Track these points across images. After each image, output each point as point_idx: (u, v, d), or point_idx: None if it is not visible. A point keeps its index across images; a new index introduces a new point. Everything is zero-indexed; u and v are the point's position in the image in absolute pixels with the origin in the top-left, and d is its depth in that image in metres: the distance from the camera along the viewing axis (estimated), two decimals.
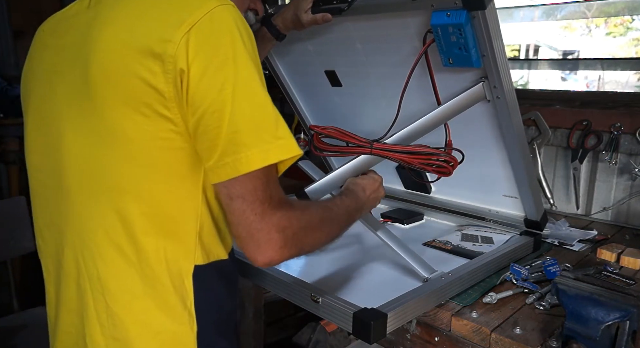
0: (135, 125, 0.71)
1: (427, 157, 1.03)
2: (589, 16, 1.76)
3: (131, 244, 0.75)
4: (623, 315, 0.72)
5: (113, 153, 0.73)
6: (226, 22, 0.69)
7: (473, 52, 0.98)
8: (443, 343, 0.95)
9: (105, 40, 0.72)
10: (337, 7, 1.11)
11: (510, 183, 1.24)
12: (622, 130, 1.41)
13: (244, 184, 0.70)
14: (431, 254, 1.18)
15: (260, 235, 0.71)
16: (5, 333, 1.64)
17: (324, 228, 0.84)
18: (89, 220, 0.76)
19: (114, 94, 0.71)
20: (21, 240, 1.75)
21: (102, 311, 0.77)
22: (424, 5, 0.99)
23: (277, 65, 1.52)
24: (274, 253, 0.72)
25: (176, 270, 0.76)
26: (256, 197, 0.71)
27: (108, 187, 0.74)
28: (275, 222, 0.72)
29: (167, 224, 0.75)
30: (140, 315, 0.76)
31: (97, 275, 0.76)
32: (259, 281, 1.04)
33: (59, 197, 0.80)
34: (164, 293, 0.76)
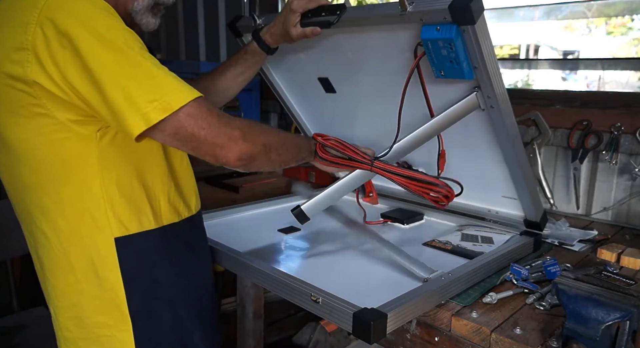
0: (19, 127, 0.81)
1: (426, 186, 1.03)
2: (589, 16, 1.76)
3: (51, 228, 0.87)
4: (623, 315, 0.72)
5: (12, 156, 0.85)
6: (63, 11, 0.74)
7: (464, 65, 0.98)
8: (443, 343, 0.95)
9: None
10: (326, 20, 1.10)
11: (509, 184, 1.24)
12: (622, 130, 1.41)
13: (171, 124, 0.78)
14: (431, 254, 1.18)
15: (219, 138, 0.81)
16: (5, 333, 1.64)
17: (272, 135, 0.94)
18: (23, 213, 0.92)
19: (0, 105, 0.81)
20: (21, 240, 1.74)
21: (48, 285, 0.93)
22: (413, 19, 0.98)
23: (272, 74, 1.53)
24: (240, 145, 0.83)
25: (95, 243, 0.87)
26: (193, 124, 0.79)
27: (21, 185, 0.88)
28: (224, 123, 0.82)
29: (76, 205, 0.86)
30: (75, 284, 0.89)
31: (38, 256, 0.93)
32: (259, 281, 1.04)
33: (10, 199, 0.95)
34: (88, 264, 0.88)
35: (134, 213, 0.89)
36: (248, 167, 0.88)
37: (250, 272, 1.05)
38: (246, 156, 0.84)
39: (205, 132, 0.80)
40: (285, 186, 1.97)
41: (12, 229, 1.73)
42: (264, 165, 0.91)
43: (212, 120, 0.80)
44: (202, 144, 0.81)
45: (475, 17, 0.89)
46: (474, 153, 1.25)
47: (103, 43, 0.74)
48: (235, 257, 1.07)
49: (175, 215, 0.96)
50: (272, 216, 1.46)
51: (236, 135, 0.83)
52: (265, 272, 1.01)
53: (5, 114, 0.81)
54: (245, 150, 0.83)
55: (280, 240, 1.28)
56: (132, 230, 0.89)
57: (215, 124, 0.80)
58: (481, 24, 0.91)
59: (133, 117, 0.75)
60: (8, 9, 0.79)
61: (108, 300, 0.88)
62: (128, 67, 0.75)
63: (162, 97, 0.76)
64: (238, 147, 0.83)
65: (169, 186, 0.95)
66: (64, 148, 0.82)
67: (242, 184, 1.95)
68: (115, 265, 0.88)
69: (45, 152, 0.82)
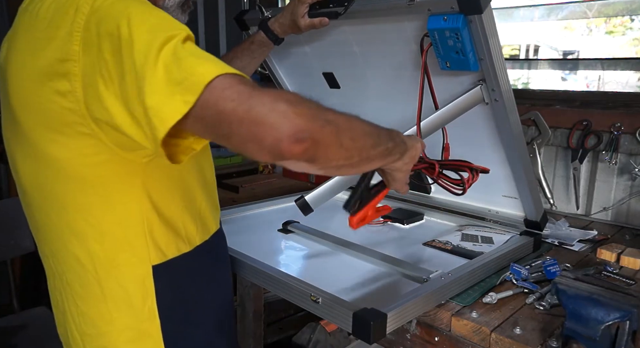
0: (59, 145, 0.73)
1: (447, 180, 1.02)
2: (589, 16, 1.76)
3: (86, 254, 0.79)
4: (623, 315, 0.72)
5: (49, 173, 0.76)
6: (105, 13, 0.64)
7: (470, 56, 0.98)
8: (443, 343, 0.95)
9: (16, 66, 0.74)
10: (334, 11, 1.11)
11: (510, 184, 1.24)
12: (622, 130, 1.41)
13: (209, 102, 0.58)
14: (431, 254, 1.18)
15: (258, 110, 0.56)
16: (5, 333, 1.64)
17: (335, 112, 0.67)
18: (49, 232, 0.82)
19: (34, 119, 0.73)
20: (21, 240, 1.75)
21: (74, 310, 0.84)
22: (421, 10, 0.99)
23: (276, 67, 1.53)
24: (293, 120, 0.57)
25: (132, 273, 0.80)
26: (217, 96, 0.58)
27: (55, 205, 0.79)
28: (262, 92, 0.58)
29: (115, 231, 0.78)
30: (105, 314, 0.81)
31: (66, 280, 0.83)
32: (259, 281, 1.04)
33: (28, 210, 0.86)
34: (122, 294, 0.80)
35: (172, 239, 0.82)
36: (313, 157, 0.60)
37: (251, 272, 1.05)
38: (306, 135, 0.57)
39: (234, 104, 0.56)
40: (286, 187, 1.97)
41: (12, 229, 1.74)
42: (336, 154, 0.63)
43: (244, 87, 0.58)
44: (234, 123, 0.57)
45: (482, 7, 0.90)
46: (475, 153, 1.25)
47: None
48: (236, 257, 1.07)
49: (206, 233, 0.90)
50: (272, 216, 1.46)
51: (282, 107, 0.57)
52: (265, 272, 1.01)
53: (47, 131, 0.73)
54: (301, 126, 0.57)
55: (280, 240, 1.28)
56: (170, 255, 0.82)
57: (247, 92, 0.57)
58: (488, 14, 0.92)
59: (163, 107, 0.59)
60: (46, 15, 0.71)
61: (142, 331, 0.82)
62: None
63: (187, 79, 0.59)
64: (289, 121, 0.57)
65: (201, 203, 0.89)
66: (108, 171, 0.74)
67: (242, 184, 1.95)
68: (152, 295, 0.81)
69: (87, 174, 0.74)
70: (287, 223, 1.32)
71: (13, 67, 0.75)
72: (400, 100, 1.27)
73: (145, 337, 0.82)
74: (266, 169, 2.14)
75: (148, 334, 0.82)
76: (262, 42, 1.22)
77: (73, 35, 0.66)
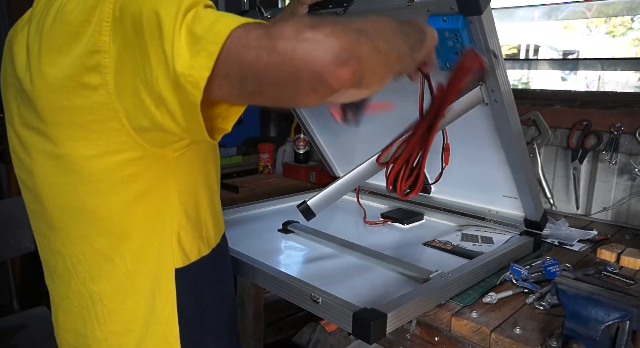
0: (88, 142, 0.69)
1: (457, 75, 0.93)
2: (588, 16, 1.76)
3: (115, 252, 0.76)
4: (623, 315, 0.72)
5: (74, 173, 0.72)
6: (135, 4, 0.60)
7: None
8: (443, 343, 0.95)
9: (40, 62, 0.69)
10: (333, 11, 1.10)
11: (510, 184, 1.24)
12: (622, 130, 1.41)
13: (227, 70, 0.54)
14: (431, 254, 1.18)
15: (292, 49, 0.51)
16: (5, 333, 1.64)
17: (353, 20, 0.58)
18: (71, 232, 0.78)
19: (62, 116, 0.69)
20: (21, 240, 1.76)
21: (100, 309, 0.80)
22: (420, 10, 0.99)
23: None
24: (328, 41, 0.51)
25: (155, 275, 0.78)
26: (240, 48, 0.53)
27: (80, 206, 0.74)
28: (288, 27, 0.52)
29: (144, 233, 0.76)
30: (134, 311, 0.79)
31: (90, 278, 0.79)
32: (259, 281, 1.04)
33: (40, 212, 0.81)
34: (148, 294, 0.78)
35: (195, 240, 0.80)
36: (361, 76, 0.54)
37: (250, 272, 1.05)
38: (347, 54, 0.51)
39: (255, 51, 0.52)
40: (286, 187, 1.97)
41: (12, 229, 1.74)
42: (378, 64, 0.58)
43: (261, 31, 0.53)
44: (261, 72, 0.52)
45: (482, 7, 0.90)
46: (475, 153, 1.25)
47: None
48: (236, 257, 1.07)
49: (219, 233, 0.88)
50: (272, 216, 1.46)
51: (308, 35, 0.51)
52: (265, 272, 1.01)
53: (72, 128, 0.69)
54: (338, 46, 0.51)
55: (280, 240, 1.28)
56: (192, 258, 0.80)
57: (265, 34, 0.52)
58: (487, 14, 0.92)
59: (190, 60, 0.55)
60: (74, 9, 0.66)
61: (160, 334, 0.80)
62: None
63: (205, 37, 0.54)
64: (324, 46, 0.50)
65: (214, 202, 0.86)
66: (138, 167, 0.71)
67: (242, 184, 1.95)
68: (173, 298, 0.79)
69: (116, 170, 0.70)
70: (287, 223, 1.32)
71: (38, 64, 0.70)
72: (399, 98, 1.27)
73: (165, 343, 0.80)
74: (266, 169, 2.14)
75: (168, 342, 0.80)
76: None
77: (102, 25, 0.62)
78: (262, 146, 2.13)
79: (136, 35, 0.60)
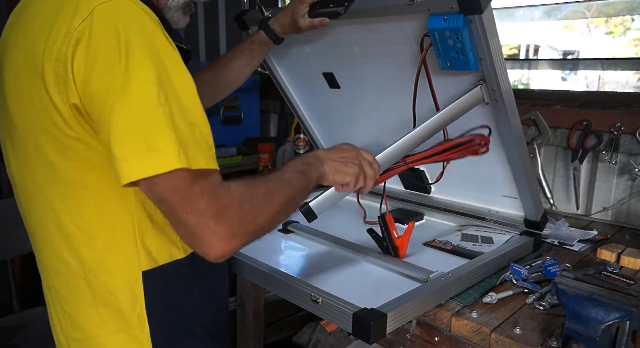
0: (51, 148, 0.72)
1: (464, 147, 1.08)
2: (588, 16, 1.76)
3: (74, 257, 0.78)
4: (623, 315, 0.72)
5: (40, 175, 0.76)
6: (106, 25, 0.64)
7: (470, 56, 0.98)
8: (443, 343, 0.95)
9: (11, 64, 0.74)
10: (334, 10, 1.10)
11: (510, 184, 1.24)
12: (622, 130, 1.41)
13: (158, 187, 0.65)
14: (431, 254, 1.18)
15: (201, 232, 0.66)
16: (5, 333, 1.64)
17: (274, 200, 0.77)
18: (39, 234, 0.81)
19: (27, 119, 0.73)
20: (21, 240, 1.75)
21: (61, 315, 0.83)
22: (421, 9, 0.99)
23: (276, 67, 1.53)
24: (224, 245, 0.68)
25: (122, 278, 0.79)
26: (181, 197, 0.65)
27: (45, 206, 0.78)
28: (212, 214, 0.66)
29: (105, 236, 0.77)
30: (95, 317, 0.80)
31: (52, 284, 0.83)
32: (259, 281, 1.04)
33: (20, 210, 0.87)
34: (112, 299, 0.79)
35: (164, 244, 0.81)
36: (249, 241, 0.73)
37: (250, 272, 1.05)
38: (229, 254, 0.70)
39: (186, 217, 0.66)
40: None
41: (12, 229, 1.74)
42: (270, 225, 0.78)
43: (200, 204, 0.66)
44: (180, 228, 0.68)
45: (482, 7, 0.90)
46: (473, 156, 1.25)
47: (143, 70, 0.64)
48: (235, 257, 1.07)
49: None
50: None
51: (221, 232, 0.67)
52: (265, 272, 1.01)
53: (37, 133, 0.73)
54: (230, 249, 0.69)
55: (280, 240, 1.28)
56: (161, 261, 0.81)
57: (200, 211, 0.66)
58: (488, 14, 0.92)
59: (125, 163, 0.63)
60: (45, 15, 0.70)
61: (131, 336, 0.81)
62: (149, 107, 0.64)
63: (166, 149, 0.64)
64: (222, 246, 0.68)
65: None
66: (97, 174, 0.74)
67: None
68: (141, 301, 0.80)
69: (77, 176, 0.74)
70: (287, 223, 1.32)
71: (8, 68, 0.75)
72: (398, 100, 1.27)
73: (136, 343, 0.81)
74: (266, 169, 2.14)
75: (138, 341, 0.81)
76: (262, 41, 1.22)
77: (66, 35, 0.65)
78: (262, 146, 2.13)
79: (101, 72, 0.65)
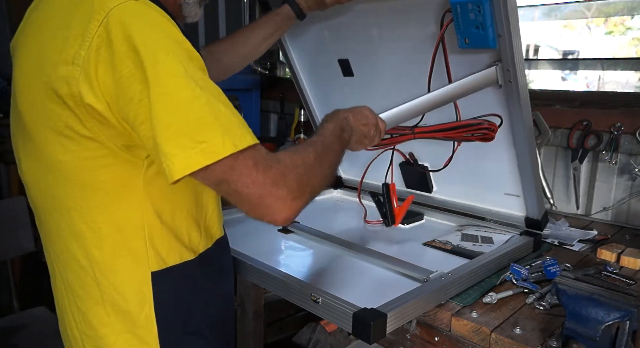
0: (62, 147, 0.73)
1: (469, 129, 1.09)
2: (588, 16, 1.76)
3: (85, 257, 0.79)
4: (623, 315, 0.72)
5: (51, 175, 0.77)
6: (124, 28, 0.65)
7: (490, 31, 0.99)
8: (443, 343, 0.95)
9: (23, 65, 0.74)
10: None
11: (513, 181, 1.24)
12: (622, 130, 1.41)
13: (214, 174, 0.68)
14: (431, 254, 1.18)
15: (266, 201, 0.70)
16: (5, 333, 1.64)
17: (322, 162, 0.82)
18: (53, 232, 0.82)
19: (38, 120, 0.74)
20: (21, 240, 1.75)
21: (75, 310, 0.84)
22: None
23: (291, 53, 1.53)
24: (289, 209, 0.71)
25: (130, 279, 0.80)
26: (238, 176, 0.69)
27: (57, 206, 0.79)
28: (271, 182, 0.70)
29: (114, 236, 0.78)
30: (104, 317, 0.81)
31: (67, 280, 0.83)
32: (259, 281, 1.04)
33: (33, 208, 0.86)
34: (120, 300, 0.80)
35: (174, 246, 0.81)
36: (307, 201, 0.76)
37: (250, 272, 1.05)
38: (294, 216, 0.74)
39: (248, 190, 0.69)
40: None
41: (12, 229, 1.74)
42: (320, 185, 0.81)
43: (258, 176, 0.69)
44: (245, 202, 0.71)
45: None
46: (480, 150, 1.25)
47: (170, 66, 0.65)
48: (236, 257, 1.07)
49: (209, 240, 0.89)
50: None
51: (284, 196, 0.71)
52: (265, 272, 1.01)
53: (48, 132, 0.73)
54: (294, 211, 0.73)
55: (280, 240, 1.28)
56: (170, 263, 0.81)
57: (260, 182, 0.69)
58: None
59: (175, 158, 0.65)
60: (59, 14, 0.71)
61: (138, 336, 0.81)
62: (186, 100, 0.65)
63: (212, 139, 0.65)
64: (287, 209, 0.72)
65: (207, 210, 0.88)
66: (109, 174, 0.74)
67: None
68: (150, 302, 0.80)
69: (88, 176, 0.74)
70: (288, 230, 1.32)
71: (20, 67, 0.75)
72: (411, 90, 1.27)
73: (142, 344, 0.81)
74: None
75: (146, 343, 0.81)
76: (286, 15, 1.23)
77: (84, 39, 0.66)
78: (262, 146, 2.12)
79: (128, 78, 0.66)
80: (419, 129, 1.14)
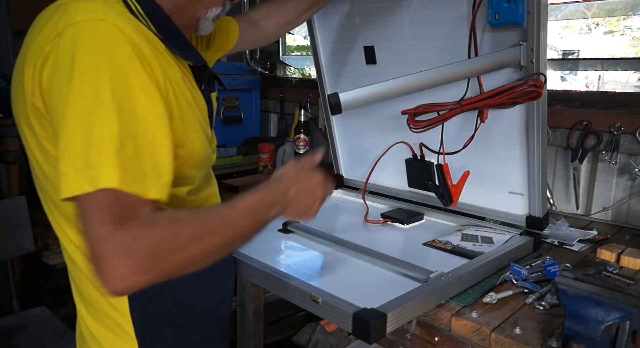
0: (33, 142, 0.76)
1: (514, 90, 1.08)
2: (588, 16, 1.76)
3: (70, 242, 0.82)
4: (623, 315, 0.72)
5: (35, 167, 0.80)
6: (74, 44, 0.67)
7: (521, 7, 1.02)
8: (443, 343, 0.95)
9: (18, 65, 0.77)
10: None
11: (518, 179, 1.24)
12: (622, 130, 1.41)
13: (83, 204, 0.64)
14: (431, 254, 1.18)
15: (102, 260, 0.61)
16: (5, 333, 1.64)
17: (204, 241, 0.70)
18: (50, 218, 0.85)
19: (18, 112, 0.78)
20: (21, 240, 1.75)
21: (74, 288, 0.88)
22: None
23: (318, 39, 1.55)
24: (126, 282, 0.61)
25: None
26: (98, 217, 0.62)
27: (46, 200, 0.82)
28: (117, 246, 0.61)
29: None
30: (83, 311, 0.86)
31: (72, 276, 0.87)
32: (259, 281, 1.04)
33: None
34: (93, 301, 0.83)
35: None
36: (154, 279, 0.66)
37: (251, 272, 1.05)
38: (132, 291, 0.63)
39: (94, 241, 0.61)
40: None
41: (12, 229, 1.74)
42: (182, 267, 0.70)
43: (110, 231, 0.61)
44: (88, 246, 0.62)
45: None
46: (487, 150, 1.25)
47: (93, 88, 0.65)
48: (236, 257, 1.07)
49: None
50: None
51: (118, 267, 0.60)
52: (265, 272, 1.01)
53: (24, 125, 0.77)
54: (132, 286, 0.62)
55: (280, 240, 1.28)
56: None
57: (108, 238, 0.61)
58: None
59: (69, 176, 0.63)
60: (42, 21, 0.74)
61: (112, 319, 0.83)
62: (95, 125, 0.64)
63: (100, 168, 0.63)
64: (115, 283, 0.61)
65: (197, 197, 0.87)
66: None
67: (242, 184, 1.94)
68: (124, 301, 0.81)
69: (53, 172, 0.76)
70: (287, 223, 1.32)
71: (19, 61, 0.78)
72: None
73: (117, 327, 0.84)
74: (266, 169, 2.13)
75: (121, 327, 0.83)
76: None
77: (44, 47, 0.70)
78: (262, 146, 2.12)
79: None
80: (466, 101, 1.14)
